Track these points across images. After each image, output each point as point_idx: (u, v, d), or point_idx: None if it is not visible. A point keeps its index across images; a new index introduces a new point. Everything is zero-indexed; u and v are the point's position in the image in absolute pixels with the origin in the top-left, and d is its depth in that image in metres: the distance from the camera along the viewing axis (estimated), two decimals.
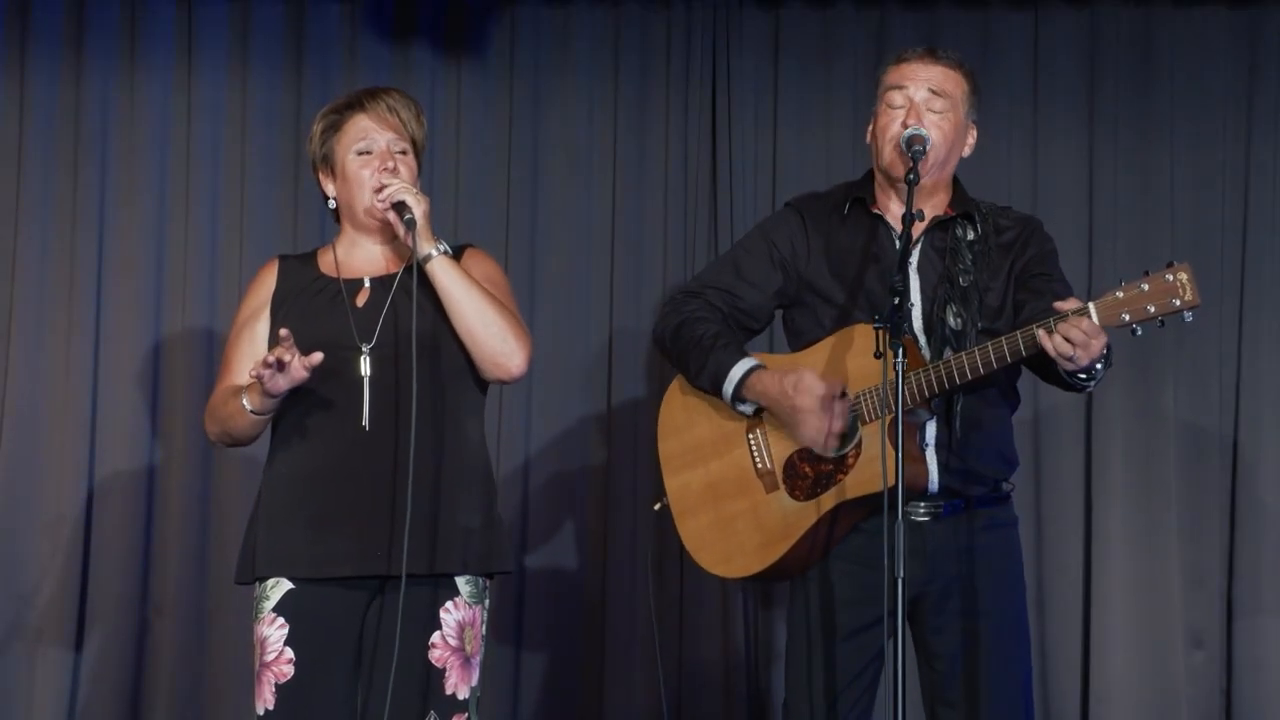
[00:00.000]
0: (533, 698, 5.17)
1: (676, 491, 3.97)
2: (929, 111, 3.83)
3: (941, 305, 3.81)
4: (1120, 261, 5.18)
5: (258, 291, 3.84)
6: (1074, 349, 3.55)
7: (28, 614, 5.13)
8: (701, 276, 4.07)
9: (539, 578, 5.18)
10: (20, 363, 5.18)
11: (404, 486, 3.61)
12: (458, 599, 3.71)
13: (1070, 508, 5.16)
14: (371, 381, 3.67)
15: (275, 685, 3.65)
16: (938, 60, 3.89)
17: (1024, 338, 3.61)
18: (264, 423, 3.71)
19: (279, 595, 3.67)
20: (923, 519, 3.77)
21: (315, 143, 3.83)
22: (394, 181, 3.72)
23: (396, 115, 3.78)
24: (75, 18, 5.23)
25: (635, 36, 5.30)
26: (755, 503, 3.86)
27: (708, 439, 3.94)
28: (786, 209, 4.04)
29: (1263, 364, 5.16)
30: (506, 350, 3.71)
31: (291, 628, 3.65)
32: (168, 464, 5.17)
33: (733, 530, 3.89)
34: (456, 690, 3.70)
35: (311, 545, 3.65)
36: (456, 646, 3.70)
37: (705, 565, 3.94)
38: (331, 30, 5.27)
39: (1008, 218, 3.96)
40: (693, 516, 3.94)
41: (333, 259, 3.83)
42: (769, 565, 3.84)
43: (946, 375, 3.67)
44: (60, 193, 5.22)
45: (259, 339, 3.78)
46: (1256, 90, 5.22)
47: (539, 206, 5.28)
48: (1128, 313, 3.55)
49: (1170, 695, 5.09)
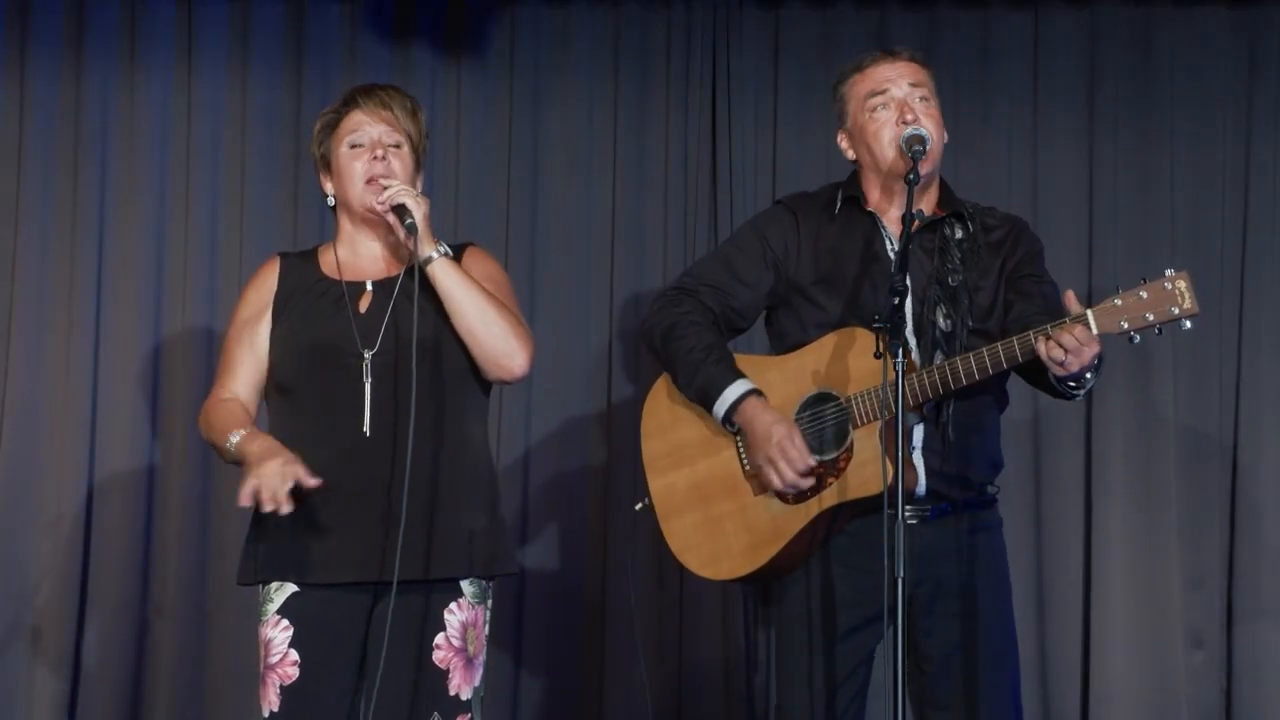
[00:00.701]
0: (533, 698, 5.17)
1: (661, 492, 3.96)
2: (919, 101, 3.84)
3: (931, 306, 3.80)
4: (1120, 261, 5.18)
5: (259, 291, 3.84)
6: (1065, 355, 3.54)
7: (28, 614, 5.13)
8: (694, 273, 4.04)
9: (539, 578, 5.18)
10: (20, 363, 5.18)
11: (414, 491, 3.61)
12: (461, 600, 3.71)
13: (1070, 508, 5.16)
14: (373, 388, 3.66)
15: (280, 687, 3.66)
16: (899, 57, 3.90)
17: (1020, 344, 3.60)
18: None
19: (283, 598, 3.68)
20: (911, 522, 3.76)
21: (315, 144, 3.84)
22: (392, 182, 3.72)
23: (389, 109, 3.78)
24: (75, 18, 5.23)
25: (635, 36, 5.30)
26: (743, 504, 3.85)
27: (694, 439, 3.92)
28: (779, 207, 4.02)
29: (1263, 364, 5.16)
30: (509, 350, 3.71)
31: (296, 630, 3.65)
32: (168, 464, 5.17)
33: (720, 531, 3.87)
34: (460, 691, 3.70)
35: (313, 551, 3.65)
36: (460, 647, 3.70)
37: (692, 567, 3.92)
38: (331, 30, 5.27)
39: (994, 217, 3.95)
40: (678, 517, 3.93)
41: (334, 259, 3.82)
42: (758, 568, 3.83)
43: (941, 380, 3.66)
44: (60, 193, 5.22)
45: (260, 340, 3.78)
46: (1256, 90, 5.22)
47: (539, 206, 5.28)
48: (1126, 320, 3.54)
49: (1170, 695, 5.09)
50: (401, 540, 3.56)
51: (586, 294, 5.26)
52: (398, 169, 3.76)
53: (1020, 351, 3.60)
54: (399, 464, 3.61)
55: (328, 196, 3.84)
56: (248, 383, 3.78)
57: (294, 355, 3.73)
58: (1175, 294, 3.54)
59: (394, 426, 3.64)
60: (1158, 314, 3.54)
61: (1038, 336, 3.56)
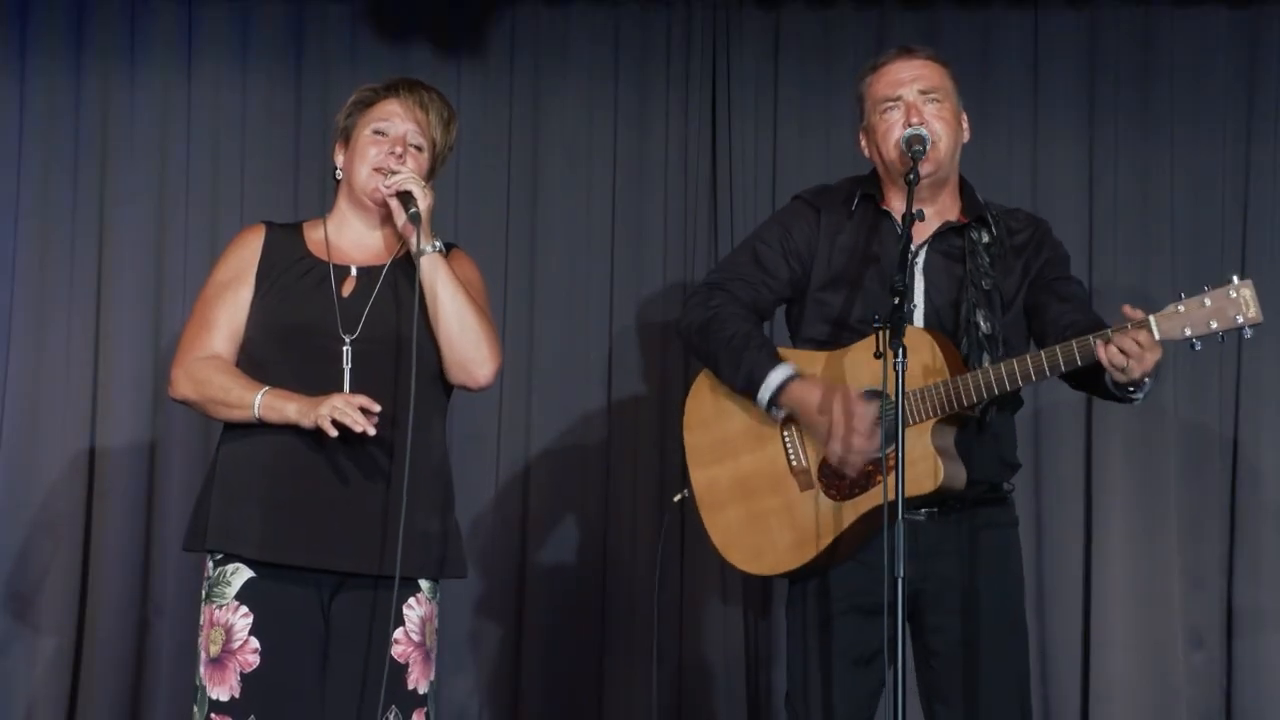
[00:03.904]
0: (533, 698, 5.16)
1: (703, 485, 3.96)
2: (927, 105, 3.85)
3: (971, 309, 3.80)
4: (1120, 261, 5.18)
5: (240, 253, 3.79)
6: (1127, 360, 3.54)
7: (28, 614, 5.13)
8: (722, 268, 4.06)
9: (539, 577, 5.18)
10: (20, 363, 5.18)
11: (372, 484, 3.61)
12: (419, 595, 3.71)
13: (1070, 508, 5.16)
14: (352, 374, 3.65)
15: (241, 674, 3.63)
16: (915, 55, 3.91)
17: (1081, 349, 3.59)
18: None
19: (240, 582, 3.65)
20: (918, 518, 3.77)
21: (343, 113, 3.83)
22: (403, 170, 3.72)
23: (425, 111, 3.79)
24: (75, 18, 5.23)
25: (635, 36, 5.30)
26: (789, 500, 3.85)
27: (739, 433, 3.92)
28: (802, 203, 4.02)
29: (1263, 364, 5.15)
30: (479, 358, 3.71)
31: (256, 617, 3.63)
32: (168, 463, 5.16)
33: (765, 527, 3.87)
34: (418, 685, 3.70)
35: (265, 528, 3.62)
36: (419, 641, 3.70)
37: (735, 562, 3.92)
38: (331, 30, 5.27)
39: (1018, 219, 3.97)
40: (720, 511, 3.93)
41: (322, 237, 3.81)
42: (803, 564, 3.83)
43: (997, 380, 3.66)
44: (60, 193, 5.22)
45: (240, 304, 3.74)
46: (1256, 90, 5.22)
47: (539, 206, 5.28)
48: (1189, 326, 3.54)
49: (1170, 695, 5.09)
50: (402, 536, 3.55)
51: (586, 294, 5.26)
52: (413, 169, 3.76)
53: (1080, 355, 3.60)
54: (370, 455, 3.60)
55: (336, 170, 3.83)
56: (226, 344, 3.73)
57: (272, 331, 3.70)
58: (1240, 301, 3.53)
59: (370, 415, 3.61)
60: (1221, 321, 3.53)
61: (1098, 341, 3.56)
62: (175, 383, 3.76)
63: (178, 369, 3.75)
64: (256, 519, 3.63)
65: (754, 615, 5.15)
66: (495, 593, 5.17)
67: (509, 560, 5.16)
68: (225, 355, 3.73)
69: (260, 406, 3.62)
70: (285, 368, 3.66)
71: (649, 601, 5.14)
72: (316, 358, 3.66)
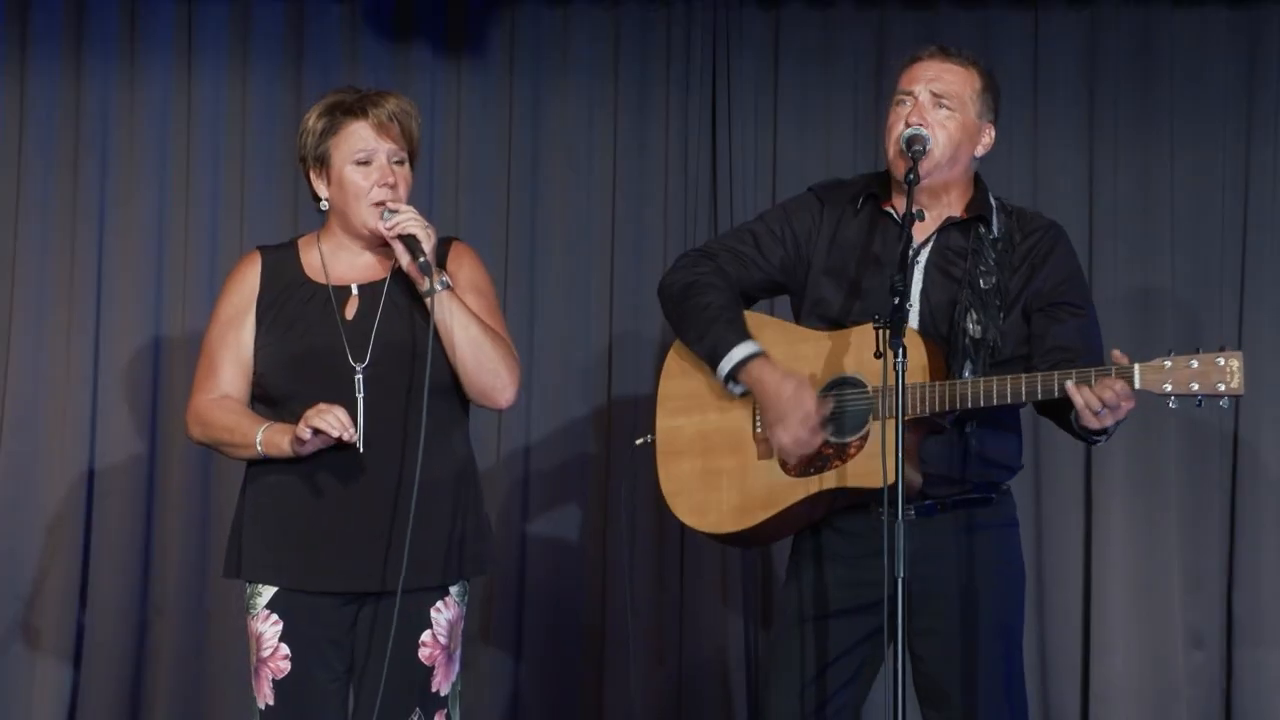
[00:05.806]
0: (533, 698, 5.17)
1: (666, 432, 3.96)
2: (936, 109, 3.82)
3: (963, 312, 3.79)
4: (1120, 261, 5.18)
5: (239, 289, 3.77)
6: (1102, 408, 3.54)
7: (28, 614, 5.13)
8: (719, 239, 4.06)
9: (539, 578, 5.18)
10: (20, 363, 5.18)
11: (389, 503, 3.62)
12: (448, 598, 3.71)
13: (1070, 508, 5.16)
14: (366, 402, 3.64)
15: (273, 681, 3.66)
16: (949, 58, 3.87)
17: (1055, 382, 3.57)
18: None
19: (271, 592, 3.68)
20: (908, 518, 3.75)
21: (309, 138, 3.73)
22: (400, 208, 3.67)
23: (397, 124, 3.72)
24: (75, 18, 5.23)
25: (635, 36, 5.30)
26: (744, 464, 3.85)
27: (712, 389, 3.91)
28: (809, 195, 4.01)
29: (1263, 364, 5.15)
30: (498, 385, 3.70)
31: (285, 624, 3.66)
32: (168, 464, 5.17)
33: (715, 484, 3.87)
34: (440, 687, 3.71)
35: (299, 560, 3.65)
36: (445, 644, 3.70)
37: (678, 513, 3.92)
38: (331, 30, 5.27)
39: (1032, 221, 3.91)
40: (676, 460, 3.93)
41: (317, 258, 3.78)
42: (742, 529, 3.84)
43: (960, 396, 3.64)
44: (60, 193, 5.22)
45: (244, 343, 3.73)
46: (1256, 90, 5.22)
47: (539, 206, 5.28)
48: (1170, 384, 3.54)
49: (1170, 695, 5.09)
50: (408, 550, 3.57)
51: (586, 294, 5.26)
52: (403, 191, 3.71)
53: (1056, 388, 3.58)
54: (393, 478, 3.61)
55: (320, 200, 3.75)
56: (235, 383, 3.73)
57: (282, 365, 3.68)
58: (1227, 370, 3.54)
59: (386, 440, 3.62)
60: (1203, 385, 3.54)
61: (1079, 383, 3.55)
62: (188, 427, 3.80)
63: (189, 414, 3.78)
64: (284, 553, 3.66)
65: (754, 615, 5.15)
66: (495, 593, 5.17)
67: (509, 560, 5.16)
68: (235, 394, 3.73)
69: (262, 445, 3.63)
70: (298, 401, 3.63)
71: (649, 602, 5.15)
72: (332, 384, 3.64)
